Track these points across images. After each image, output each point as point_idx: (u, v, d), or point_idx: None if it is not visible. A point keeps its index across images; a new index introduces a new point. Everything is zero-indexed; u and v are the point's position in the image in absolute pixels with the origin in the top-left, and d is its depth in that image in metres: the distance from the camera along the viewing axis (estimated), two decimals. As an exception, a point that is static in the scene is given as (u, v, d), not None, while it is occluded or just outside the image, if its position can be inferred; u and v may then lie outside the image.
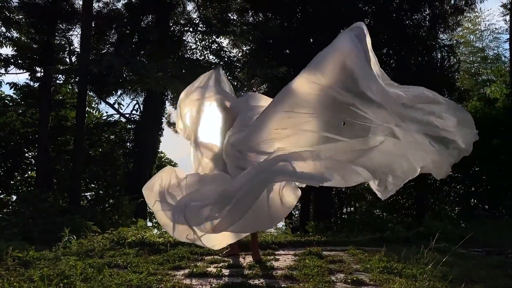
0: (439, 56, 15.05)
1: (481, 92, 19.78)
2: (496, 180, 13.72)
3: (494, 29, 22.65)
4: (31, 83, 14.00)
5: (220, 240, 3.91)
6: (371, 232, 8.17)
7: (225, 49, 14.76)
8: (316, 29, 14.01)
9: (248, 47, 15.97)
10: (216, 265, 4.40)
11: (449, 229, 7.07)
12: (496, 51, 22.89)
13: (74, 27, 14.90)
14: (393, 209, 16.05)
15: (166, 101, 16.12)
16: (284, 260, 4.78)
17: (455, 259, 4.63)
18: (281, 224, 11.52)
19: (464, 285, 3.49)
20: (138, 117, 16.25)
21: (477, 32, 22.74)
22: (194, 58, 14.76)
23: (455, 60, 15.63)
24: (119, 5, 15.54)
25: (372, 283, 3.64)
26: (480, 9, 25.92)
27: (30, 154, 15.92)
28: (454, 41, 17.30)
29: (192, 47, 15.23)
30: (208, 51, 14.65)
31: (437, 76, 14.40)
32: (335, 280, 3.74)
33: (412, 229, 7.79)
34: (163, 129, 15.64)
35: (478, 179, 14.86)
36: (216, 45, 14.52)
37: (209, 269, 4.16)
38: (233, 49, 15.91)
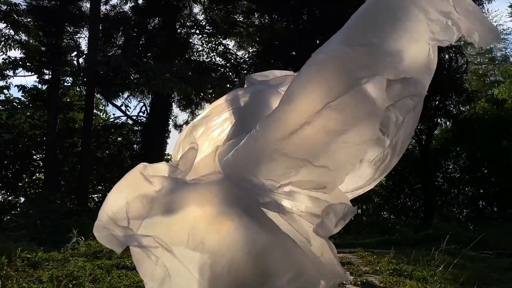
0: (447, 57, 14.93)
1: (489, 94, 19.63)
2: (505, 182, 13.59)
3: (502, 30, 22.47)
4: (39, 86, 14.13)
5: None
6: (379, 234, 8.14)
7: (231, 51, 14.80)
8: (323, 31, 13.98)
9: (255, 49, 15.99)
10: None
11: (459, 232, 7.01)
12: (504, 52, 22.74)
13: (82, 30, 15.04)
14: (401, 211, 15.94)
15: (173, 103, 16.18)
16: (292, 262, 4.75)
17: (465, 262, 4.58)
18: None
19: (476, 287, 3.44)
20: (145, 119, 16.32)
21: (485, 33, 22.56)
22: (201, 60, 14.80)
23: (463, 61, 15.51)
24: (126, 7, 15.66)
25: (382, 285, 3.61)
26: (488, 10, 25.71)
27: (38, 156, 16.05)
28: (462, 42, 17.17)
29: (199, 49, 15.29)
30: (214, 53, 14.69)
31: (445, 77, 14.29)
32: (344, 282, 3.71)
33: (420, 232, 7.74)
34: (170, 131, 15.70)
35: (487, 181, 14.73)
36: (223, 47, 14.56)
37: (217, 270, 4.14)
38: (239, 51, 15.97)
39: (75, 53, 14.49)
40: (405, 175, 15.52)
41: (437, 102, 13.99)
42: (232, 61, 14.53)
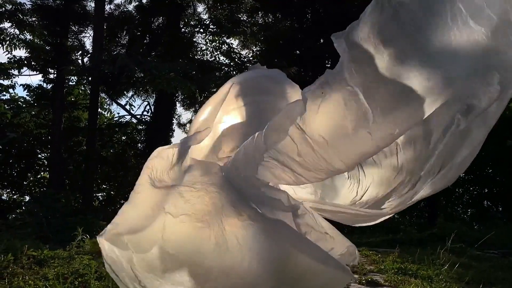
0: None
1: (494, 93, 19.57)
2: (510, 181, 13.51)
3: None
4: (44, 85, 14.19)
5: None
6: (383, 233, 8.12)
7: (235, 50, 14.81)
8: (327, 29, 13.97)
9: (259, 48, 15.99)
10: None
11: (463, 231, 6.98)
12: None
13: (86, 29, 15.08)
14: (405, 210, 15.89)
15: (177, 102, 16.20)
16: (296, 260, 4.76)
17: (470, 261, 4.57)
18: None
19: (482, 286, 3.43)
20: (149, 118, 16.36)
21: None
22: (205, 59, 14.82)
23: (467, 60, 15.46)
24: (130, 7, 15.69)
25: (387, 284, 3.61)
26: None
27: (43, 155, 16.14)
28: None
29: (203, 48, 15.31)
30: (218, 52, 14.71)
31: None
32: (350, 280, 3.71)
33: (425, 231, 7.71)
34: (174, 130, 15.76)
35: (492, 180, 14.66)
36: (227, 46, 14.56)
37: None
38: (243, 50, 15.97)
39: (80, 52, 14.53)
40: (409, 175, 15.47)
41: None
42: (236, 60, 14.54)
